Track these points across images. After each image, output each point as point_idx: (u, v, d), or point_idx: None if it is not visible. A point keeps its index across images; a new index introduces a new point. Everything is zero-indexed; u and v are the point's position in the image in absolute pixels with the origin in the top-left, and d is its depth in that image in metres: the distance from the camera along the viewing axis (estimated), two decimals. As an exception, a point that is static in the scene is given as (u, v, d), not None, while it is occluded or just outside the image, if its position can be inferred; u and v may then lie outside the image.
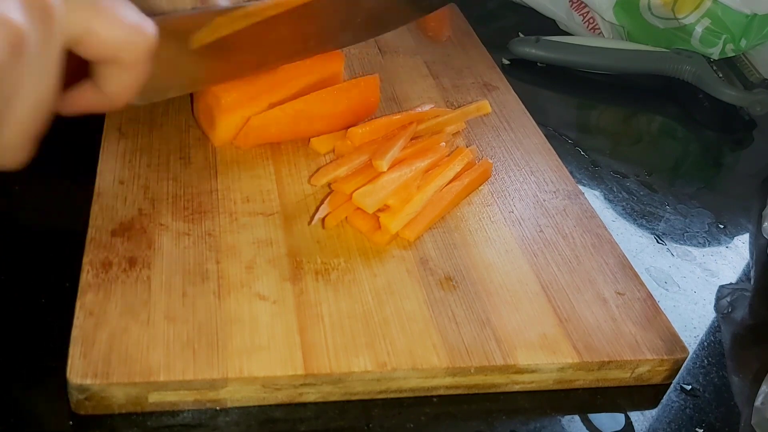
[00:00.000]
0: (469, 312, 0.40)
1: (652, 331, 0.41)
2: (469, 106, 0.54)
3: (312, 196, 0.46)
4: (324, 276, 0.40)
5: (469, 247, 0.44)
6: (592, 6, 0.73)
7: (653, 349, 0.39)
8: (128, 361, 0.34)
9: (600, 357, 0.39)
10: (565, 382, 0.39)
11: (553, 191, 0.51)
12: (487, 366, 0.37)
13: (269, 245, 0.41)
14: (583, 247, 0.46)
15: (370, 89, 0.51)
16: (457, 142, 0.54)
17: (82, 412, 0.34)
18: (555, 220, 0.48)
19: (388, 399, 0.37)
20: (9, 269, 0.40)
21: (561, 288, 0.42)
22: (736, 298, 0.48)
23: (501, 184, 0.50)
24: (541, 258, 0.44)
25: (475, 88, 0.61)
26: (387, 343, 0.37)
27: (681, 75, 0.70)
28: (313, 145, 0.49)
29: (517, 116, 0.59)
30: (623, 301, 0.42)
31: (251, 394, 0.35)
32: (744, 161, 0.67)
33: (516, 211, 0.48)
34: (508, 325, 0.39)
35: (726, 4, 0.66)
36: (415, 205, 0.44)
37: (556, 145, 0.55)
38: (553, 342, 0.39)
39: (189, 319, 0.36)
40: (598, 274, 0.44)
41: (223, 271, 0.39)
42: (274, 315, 0.37)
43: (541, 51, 0.71)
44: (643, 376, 0.40)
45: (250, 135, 0.47)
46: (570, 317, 0.41)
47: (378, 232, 0.43)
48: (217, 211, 0.43)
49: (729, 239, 0.54)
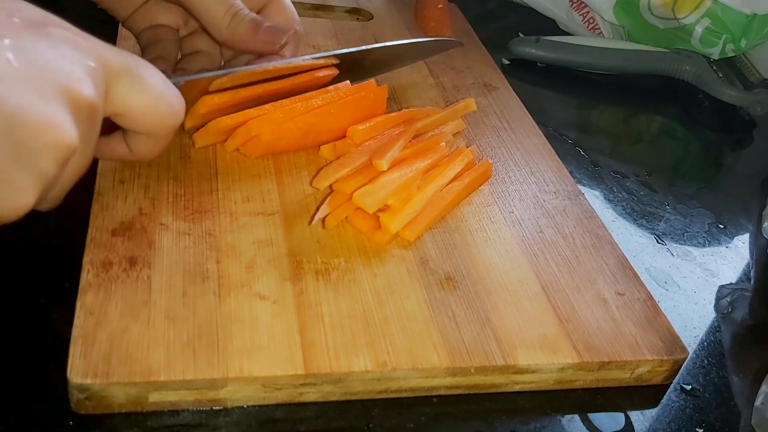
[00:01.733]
0: (469, 312, 0.40)
1: (652, 331, 0.41)
2: (456, 104, 0.54)
3: (312, 195, 0.46)
4: (324, 276, 0.40)
5: (469, 247, 0.44)
6: (592, 6, 0.73)
7: (653, 350, 0.40)
8: (128, 361, 0.34)
9: (600, 357, 0.39)
10: (565, 382, 0.39)
11: (553, 191, 0.51)
12: (487, 366, 0.37)
13: (269, 245, 0.41)
14: (583, 247, 0.46)
15: (379, 101, 0.51)
16: (457, 142, 0.54)
17: (82, 412, 0.34)
18: (555, 221, 0.48)
19: (388, 399, 0.37)
20: (9, 269, 0.40)
21: (561, 288, 0.43)
22: (736, 298, 0.48)
23: (501, 184, 0.50)
24: (541, 258, 0.44)
25: (475, 89, 0.61)
26: (387, 343, 0.37)
27: (681, 75, 0.70)
28: (323, 153, 0.49)
29: (517, 116, 0.59)
30: (623, 302, 0.42)
31: (251, 394, 0.35)
32: (744, 161, 0.67)
33: (516, 211, 0.48)
34: (508, 325, 0.39)
35: (726, 4, 0.66)
36: (415, 205, 0.44)
37: (556, 145, 0.55)
38: (553, 342, 0.39)
39: (189, 318, 0.36)
40: (598, 274, 0.44)
41: (223, 270, 0.39)
42: (275, 315, 0.37)
43: (541, 51, 0.71)
44: (643, 376, 0.40)
45: (258, 147, 0.47)
46: (570, 317, 0.41)
47: (378, 232, 0.43)
48: (217, 211, 0.43)
49: (729, 239, 0.54)
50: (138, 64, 0.36)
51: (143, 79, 0.36)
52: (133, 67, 0.35)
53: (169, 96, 0.37)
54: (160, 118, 0.37)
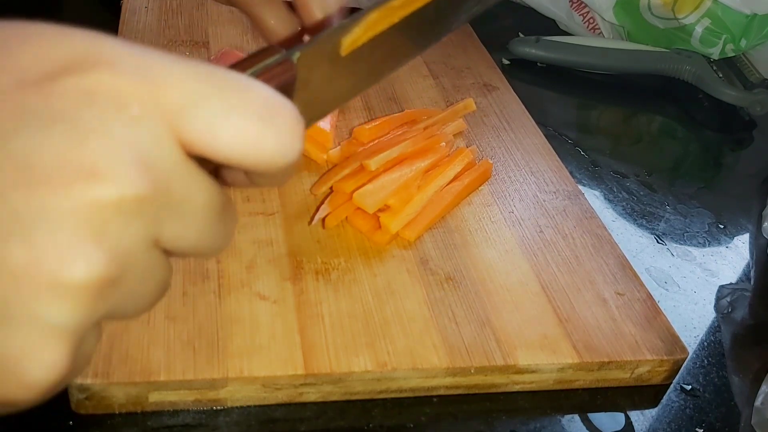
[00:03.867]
0: (469, 312, 0.40)
1: (651, 331, 0.41)
2: (456, 105, 0.54)
3: (312, 196, 0.46)
4: (324, 276, 0.40)
5: (470, 248, 0.44)
6: (592, 6, 0.73)
7: (653, 350, 0.40)
8: (129, 361, 0.34)
9: (600, 357, 0.39)
10: (565, 382, 0.39)
11: (553, 191, 0.51)
12: (487, 366, 0.37)
13: (269, 245, 0.41)
14: (583, 247, 0.46)
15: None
16: (457, 142, 0.54)
17: (82, 412, 0.34)
18: (555, 221, 0.48)
19: (388, 399, 0.37)
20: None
21: (561, 288, 0.43)
22: (736, 298, 0.48)
23: (501, 184, 0.50)
24: (541, 258, 0.44)
25: (475, 89, 0.61)
26: (387, 343, 0.37)
27: (681, 75, 0.70)
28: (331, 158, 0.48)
29: (517, 116, 0.59)
30: (623, 302, 0.42)
31: (251, 394, 0.35)
32: (744, 161, 0.67)
33: (516, 211, 0.48)
34: (508, 325, 0.39)
35: (726, 4, 0.67)
36: (415, 205, 0.44)
37: (556, 145, 0.55)
38: (553, 342, 0.39)
39: (189, 318, 0.36)
40: (598, 274, 0.44)
41: (223, 270, 0.39)
42: (275, 315, 0.37)
43: (541, 51, 0.71)
44: (643, 376, 0.40)
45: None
46: (570, 317, 0.41)
47: (378, 231, 0.43)
48: (217, 211, 0.43)
49: (729, 239, 0.54)
50: (220, 78, 0.21)
51: (231, 99, 0.21)
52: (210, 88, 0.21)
53: (278, 112, 0.22)
54: (269, 151, 0.22)
